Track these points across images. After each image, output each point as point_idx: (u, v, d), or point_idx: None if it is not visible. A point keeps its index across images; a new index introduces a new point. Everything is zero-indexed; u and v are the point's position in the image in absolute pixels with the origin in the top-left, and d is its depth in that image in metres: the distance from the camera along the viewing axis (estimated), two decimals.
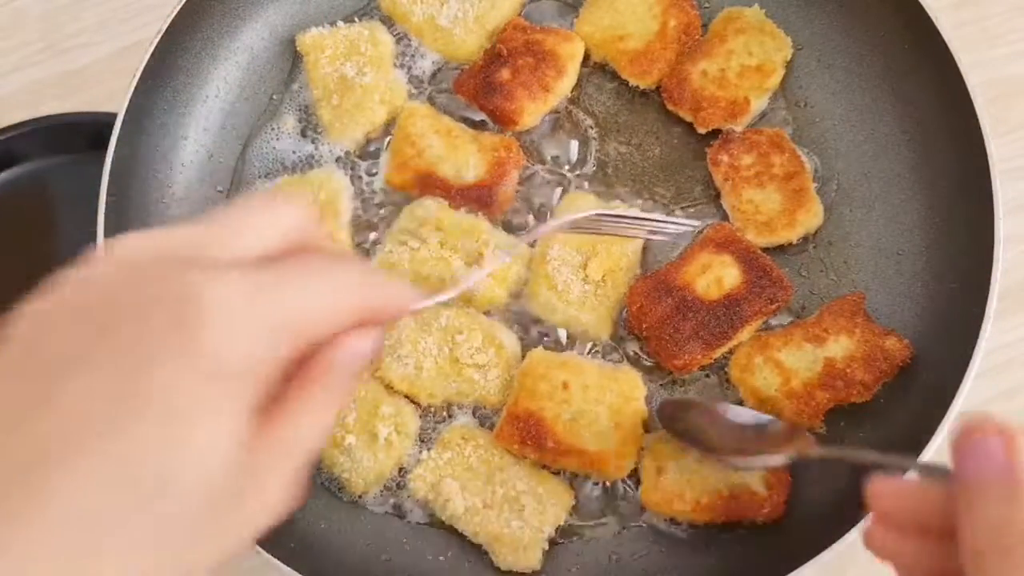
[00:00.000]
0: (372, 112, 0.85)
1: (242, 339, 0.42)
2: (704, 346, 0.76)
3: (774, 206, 0.80)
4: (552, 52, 0.84)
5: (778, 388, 0.76)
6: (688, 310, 0.76)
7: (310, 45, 0.87)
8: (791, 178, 0.81)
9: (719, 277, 0.77)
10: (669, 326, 0.76)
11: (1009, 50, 0.95)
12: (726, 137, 0.82)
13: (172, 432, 0.40)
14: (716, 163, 0.82)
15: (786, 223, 0.80)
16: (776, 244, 0.81)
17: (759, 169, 0.81)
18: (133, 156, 0.82)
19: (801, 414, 0.75)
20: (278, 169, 0.87)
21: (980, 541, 0.45)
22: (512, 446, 0.75)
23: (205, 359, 0.41)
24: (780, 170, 0.81)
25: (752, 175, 0.81)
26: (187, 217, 0.85)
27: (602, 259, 0.79)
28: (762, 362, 0.76)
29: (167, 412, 0.40)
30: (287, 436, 0.45)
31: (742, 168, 0.81)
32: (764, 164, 0.81)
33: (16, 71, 1.00)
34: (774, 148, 0.82)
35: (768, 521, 0.73)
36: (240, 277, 0.43)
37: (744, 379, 0.77)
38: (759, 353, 0.77)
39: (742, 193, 0.81)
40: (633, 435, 0.75)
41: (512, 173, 0.83)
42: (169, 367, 0.41)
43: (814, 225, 0.81)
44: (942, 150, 0.80)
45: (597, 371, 0.77)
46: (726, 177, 0.81)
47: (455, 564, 0.77)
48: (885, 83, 0.83)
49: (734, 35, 0.85)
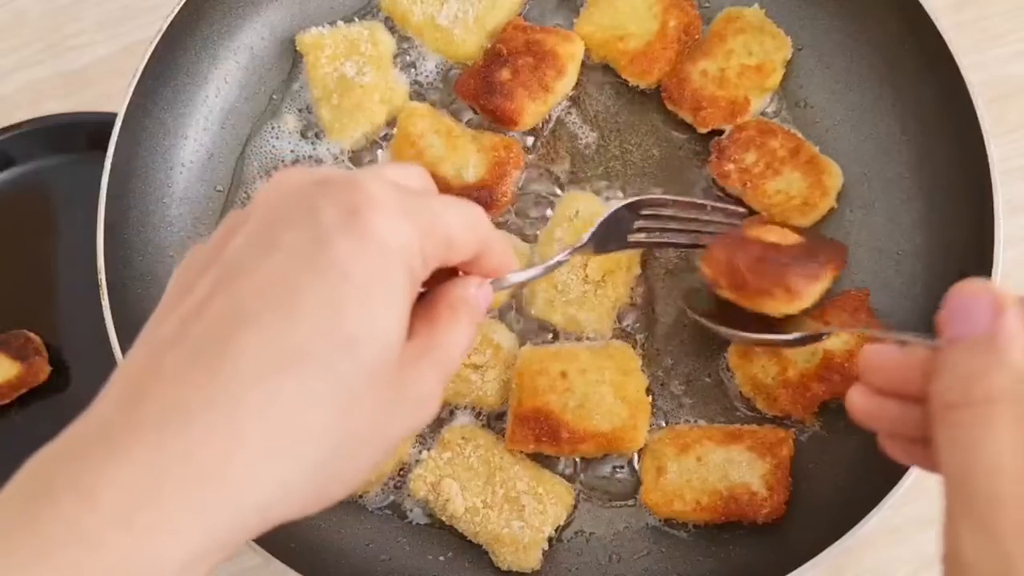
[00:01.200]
0: (372, 112, 0.85)
1: (402, 224, 0.45)
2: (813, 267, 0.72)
3: (801, 184, 0.80)
4: (552, 52, 0.84)
5: (775, 377, 0.76)
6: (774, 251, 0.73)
7: (310, 45, 0.87)
8: (797, 152, 0.81)
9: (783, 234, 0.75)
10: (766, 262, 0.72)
11: (1009, 50, 0.95)
12: (718, 147, 0.82)
13: (356, 297, 0.43)
14: (724, 175, 0.81)
15: (820, 193, 0.80)
16: (821, 217, 0.80)
17: (767, 159, 0.81)
18: (133, 156, 0.83)
19: (796, 404, 0.75)
20: (278, 169, 0.87)
21: (950, 394, 0.45)
22: (527, 447, 0.75)
23: (375, 240, 0.44)
24: (784, 151, 0.81)
25: (764, 168, 0.81)
26: (187, 217, 0.85)
27: (602, 259, 0.79)
28: (761, 351, 0.77)
29: (348, 280, 0.43)
30: (444, 340, 0.49)
31: (751, 166, 0.81)
32: (767, 152, 0.81)
33: (16, 71, 1.00)
34: (766, 134, 0.82)
35: (768, 521, 0.73)
36: (394, 184, 0.47)
37: (742, 366, 0.77)
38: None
39: (766, 188, 0.80)
40: (640, 405, 0.76)
41: (512, 173, 0.83)
42: (344, 244, 0.43)
43: (839, 183, 0.81)
44: (942, 150, 0.80)
45: (589, 353, 0.77)
46: (741, 182, 0.81)
47: (455, 564, 0.77)
48: (885, 83, 0.83)
49: (734, 35, 0.85)
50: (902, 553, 0.80)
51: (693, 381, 0.80)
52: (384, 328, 0.44)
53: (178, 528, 0.39)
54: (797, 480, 0.75)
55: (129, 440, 0.40)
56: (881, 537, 0.80)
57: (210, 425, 0.40)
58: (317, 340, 0.42)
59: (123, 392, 0.42)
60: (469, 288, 0.53)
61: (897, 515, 0.66)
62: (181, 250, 0.84)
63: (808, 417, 0.76)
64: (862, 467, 0.74)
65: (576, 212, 0.81)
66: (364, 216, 0.44)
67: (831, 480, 0.75)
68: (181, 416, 0.40)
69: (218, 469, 0.40)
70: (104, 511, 0.38)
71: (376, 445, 0.46)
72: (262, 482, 0.41)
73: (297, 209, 0.45)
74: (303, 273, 0.43)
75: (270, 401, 0.41)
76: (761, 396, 0.77)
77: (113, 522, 0.38)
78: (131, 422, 0.41)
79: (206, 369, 0.41)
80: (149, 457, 0.39)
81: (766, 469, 0.74)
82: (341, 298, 0.43)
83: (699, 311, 0.75)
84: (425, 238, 0.47)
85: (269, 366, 0.41)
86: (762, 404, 0.77)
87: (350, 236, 0.43)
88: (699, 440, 0.75)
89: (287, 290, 0.42)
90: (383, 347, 0.44)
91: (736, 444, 0.75)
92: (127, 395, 0.42)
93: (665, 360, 0.80)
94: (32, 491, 0.40)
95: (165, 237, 0.84)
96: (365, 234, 0.44)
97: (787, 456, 0.74)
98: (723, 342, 0.79)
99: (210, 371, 0.41)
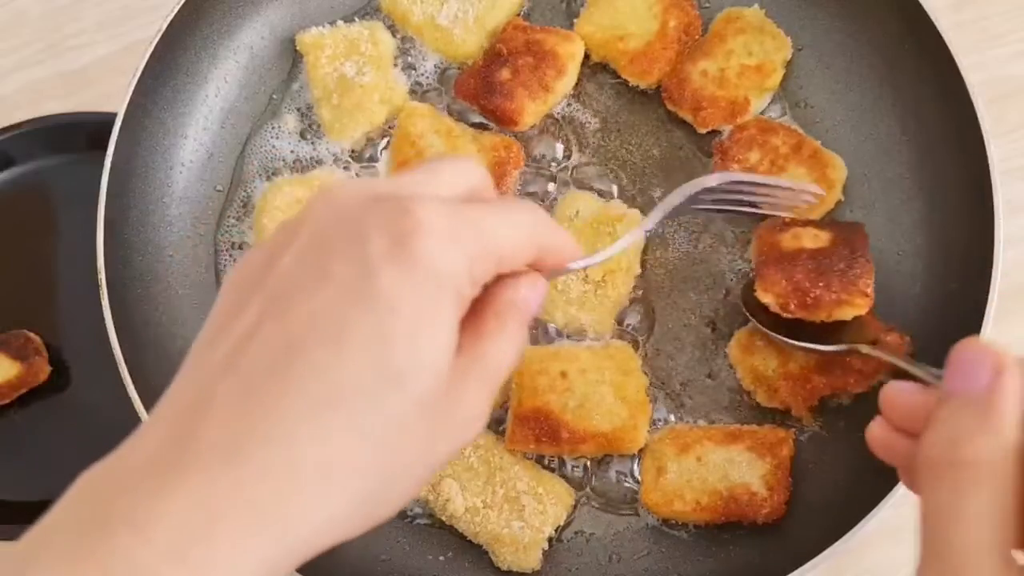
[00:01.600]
0: (372, 112, 0.85)
1: (450, 252, 0.45)
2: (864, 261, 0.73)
3: (806, 179, 0.80)
4: (552, 52, 0.84)
5: (775, 369, 0.76)
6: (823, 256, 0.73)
7: (310, 45, 0.87)
8: (799, 148, 0.81)
9: (814, 235, 0.75)
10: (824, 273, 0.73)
11: (1009, 50, 0.95)
12: (721, 148, 0.82)
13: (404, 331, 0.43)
14: None
15: (826, 186, 0.80)
16: (829, 210, 0.80)
17: (771, 157, 0.81)
18: (133, 156, 0.83)
19: (796, 396, 0.75)
20: (278, 169, 0.87)
21: (936, 450, 0.45)
22: (527, 447, 0.75)
23: (422, 269, 0.44)
24: (786, 147, 0.81)
25: (769, 165, 0.81)
26: (187, 217, 0.85)
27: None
28: (763, 344, 0.77)
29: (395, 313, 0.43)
30: (489, 353, 0.48)
31: (755, 165, 0.81)
32: (770, 150, 0.81)
33: (16, 71, 1.00)
34: (767, 132, 0.82)
35: (768, 521, 0.73)
36: (444, 203, 0.46)
37: (743, 359, 0.78)
38: (761, 335, 0.77)
39: None
40: (641, 406, 0.76)
41: (512, 173, 0.83)
42: (392, 276, 0.43)
43: (844, 175, 0.81)
44: (942, 150, 0.80)
45: (590, 353, 0.77)
46: None
47: (455, 564, 0.77)
48: (885, 83, 0.83)
49: (734, 35, 0.85)
50: (902, 553, 0.80)
51: (693, 381, 0.80)
52: (432, 360, 0.44)
53: (232, 563, 0.40)
54: (797, 480, 0.75)
55: (182, 474, 0.40)
56: (881, 537, 0.80)
57: (263, 462, 0.41)
58: (366, 376, 0.42)
59: (175, 422, 0.43)
60: (519, 290, 0.51)
61: (897, 515, 0.66)
62: (181, 250, 0.84)
63: (807, 415, 0.76)
64: (862, 467, 0.74)
65: (576, 212, 0.81)
66: (412, 245, 0.44)
67: (831, 480, 0.75)
68: (233, 452, 0.41)
69: (270, 506, 0.41)
70: (159, 545, 0.39)
71: (424, 468, 0.47)
72: (313, 516, 0.42)
73: (347, 236, 0.45)
74: (352, 307, 0.43)
75: (321, 438, 0.41)
76: (762, 388, 0.77)
77: (168, 556, 0.39)
78: (184, 455, 0.41)
79: (258, 405, 0.41)
80: (202, 492, 0.40)
81: (766, 469, 0.74)
82: (389, 332, 0.43)
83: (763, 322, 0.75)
84: (475, 261, 0.46)
85: (319, 403, 0.42)
86: (762, 396, 0.77)
87: (398, 268, 0.43)
88: (699, 440, 0.75)
89: (336, 325, 0.43)
90: (431, 378, 0.44)
91: (736, 444, 0.75)
92: (179, 426, 0.42)
93: (665, 360, 0.80)
94: (87, 521, 0.40)
95: (165, 237, 0.84)
96: (413, 265, 0.44)
97: (787, 456, 0.74)
98: (723, 342, 0.80)
99: (262, 407, 0.41)
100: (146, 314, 0.81)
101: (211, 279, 0.85)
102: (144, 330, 0.80)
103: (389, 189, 0.48)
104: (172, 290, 0.83)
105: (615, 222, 0.80)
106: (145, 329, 0.80)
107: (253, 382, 0.42)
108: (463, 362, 0.47)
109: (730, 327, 0.80)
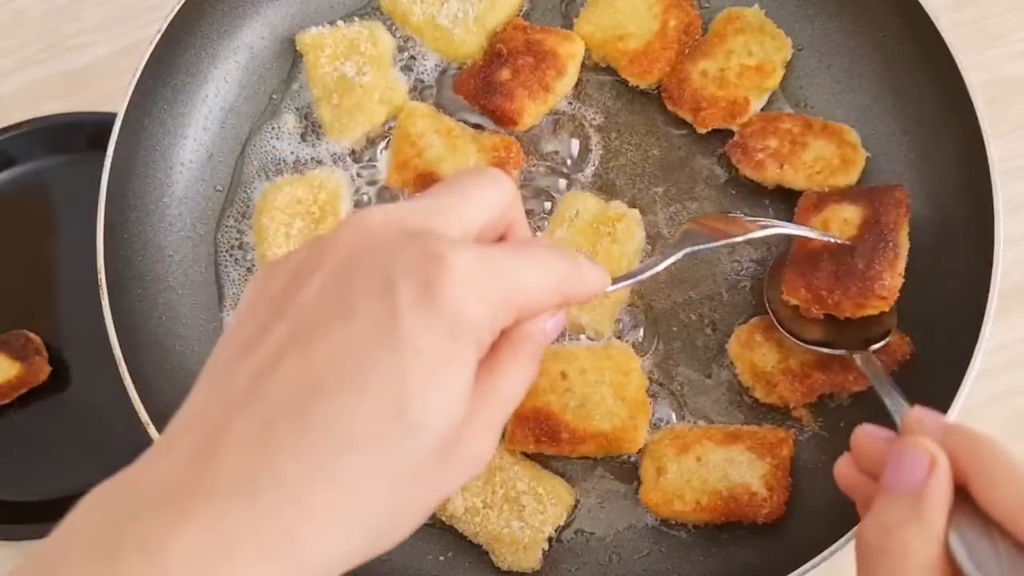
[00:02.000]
0: (372, 112, 0.85)
1: (475, 302, 0.45)
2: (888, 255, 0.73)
3: (830, 148, 0.81)
4: (552, 52, 0.84)
5: (775, 365, 0.76)
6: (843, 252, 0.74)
7: (310, 44, 0.87)
8: (810, 126, 0.81)
9: (844, 219, 0.76)
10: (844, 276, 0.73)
11: (1009, 50, 0.95)
12: (738, 147, 0.81)
13: (424, 380, 0.43)
14: (759, 166, 0.80)
15: (851, 149, 0.80)
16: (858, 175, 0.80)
17: (788, 139, 0.81)
18: (133, 156, 0.82)
19: (795, 392, 0.75)
20: (278, 169, 0.87)
21: (870, 536, 0.49)
22: (527, 447, 0.75)
23: (448, 318, 0.44)
24: (797, 128, 0.81)
25: (789, 146, 0.81)
26: (187, 217, 0.85)
27: (602, 260, 0.79)
28: (763, 340, 0.77)
29: (417, 358, 0.43)
30: (502, 388, 0.49)
31: (778, 150, 0.81)
32: (784, 134, 0.81)
33: (16, 71, 1.00)
34: (773, 122, 0.82)
35: (768, 521, 0.73)
36: (472, 248, 0.46)
37: (743, 354, 0.78)
38: (761, 331, 0.77)
39: (803, 158, 0.80)
40: (641, 406, 0.76)
41: (512, 173, 0.83)
42: (417, 323, 0.43)
43: (859, 138, 0.81)
44: (942, 150, 0.80)
45: (589, 353, 0.77)
46: (778, 163, 0.80)
47: (455, 564, 0.77)
48: (885, 83, 0.83)
49: (734, 35, 0.85)
50: None
51: (693, 381, 0.80)
52: (448, 409, 0.45)
53: None
54: (797, 480, 0.75)
55: (197, 505, 0.40)
56: None
57: (277, 502, 0.41)
58: (384, 424, 0.42)
59: (192, 449, 0.43)
60: (537, 322, 0.51)
61: None
62: (181, 250, 0.84)
63: (805, 413, 0.76)
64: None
65: (576, 212, 0.81)
66: (440, 295, 0.44)
67: (831, 480, 0.75)
68: (249, 488, 0.41)
69: (284, 542, 0.41)
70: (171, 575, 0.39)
71: (432, 501, 0.47)
72: (324, 553, 0.42)
73: (374, 272, 0.45)
74: (375, 349, 0.43)
75: (336, 481, 0.42)
76: (760, 384, 0.77)
77: None
78: (200, 486, 0.41)
79: (276, 442, 0.42)
80: (217, 524, 0.40)
81: (766, 469, 0.74)
82: (409, 380, 0.43)
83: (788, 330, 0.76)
84: (498, 310, 0.47)
85: (336, 449, 0.42)
86: (761, 392, 0.77)
87: (424, 316, 0.43)
88: (699, 440, 0.75)
89: (358, 367, 0.43)
90: (447, 426, 0.45)
91: (736, 444, 0.75)
92: (196, 454, 0.42)
93: (665, 360, 0.80)
94: (100, 546, 0.40)
95: (165, 237, 0.84)
96: (438, 313, 0.44)
97: (787, 456, 0.74)
98: (723, 342, 0.80)
99: (279, 444, 0.42)
100: (146, 314, 0.81)
101: (211, 279, 0.85)
102: (144, 330, 0.80)
103: (419, 222, 0.47)
104: (172, 290, 0.83)
105: (615, 222, 0.80)
106: (145, 329, 0.80)
107: (273, 417, 0.42)
108: (476, 397, 0.47)
109: (730, 327, 0.80)
